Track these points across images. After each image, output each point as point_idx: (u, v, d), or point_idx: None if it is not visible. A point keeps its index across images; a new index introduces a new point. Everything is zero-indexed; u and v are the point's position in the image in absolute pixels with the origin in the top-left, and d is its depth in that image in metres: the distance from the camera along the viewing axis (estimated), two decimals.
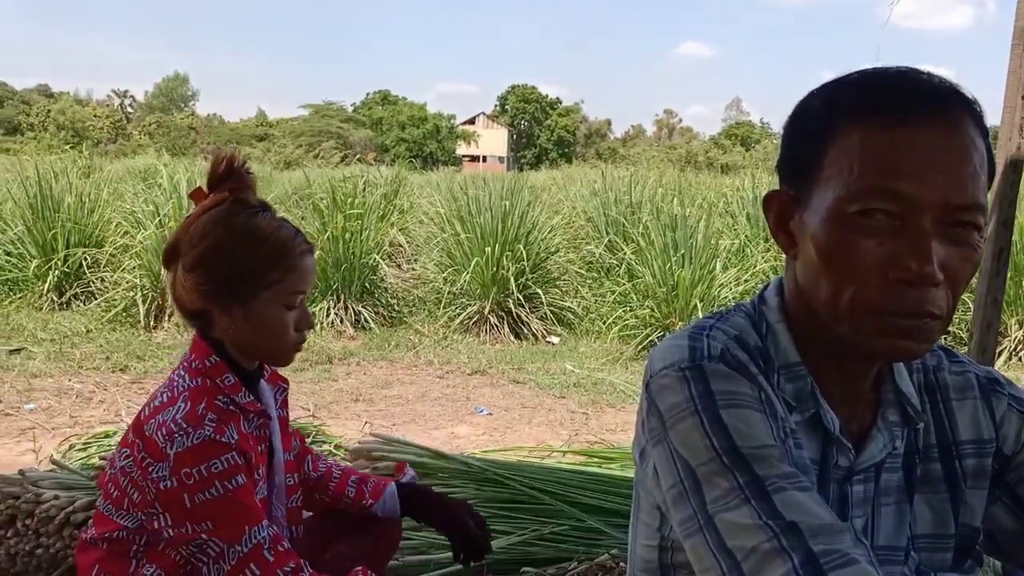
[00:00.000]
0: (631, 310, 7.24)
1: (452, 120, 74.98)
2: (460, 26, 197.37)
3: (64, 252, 7.65)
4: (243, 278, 1.51)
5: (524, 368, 6.25)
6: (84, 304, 7.52)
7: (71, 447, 3.78)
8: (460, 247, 7.87)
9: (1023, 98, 2.65)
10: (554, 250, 8.44)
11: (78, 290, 7.70)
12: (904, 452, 0.99)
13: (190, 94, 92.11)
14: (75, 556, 1.60)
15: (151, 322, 6.91)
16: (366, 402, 5.20)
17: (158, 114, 73.40)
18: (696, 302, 6.69)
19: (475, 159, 68.98)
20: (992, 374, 1.07)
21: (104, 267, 7.76)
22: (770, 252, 7.82)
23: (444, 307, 7.71)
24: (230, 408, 1.50)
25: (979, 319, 2.81)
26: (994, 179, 0.89)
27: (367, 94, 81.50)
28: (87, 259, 7.77)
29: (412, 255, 9.55)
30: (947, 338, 6.77)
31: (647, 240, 7.65)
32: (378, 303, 7.79)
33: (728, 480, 0.84)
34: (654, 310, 6.91)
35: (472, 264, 7.49)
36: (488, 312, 7.36)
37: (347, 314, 7.30)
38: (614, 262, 8.76)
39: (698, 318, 1.05)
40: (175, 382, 1.53)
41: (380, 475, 1.93)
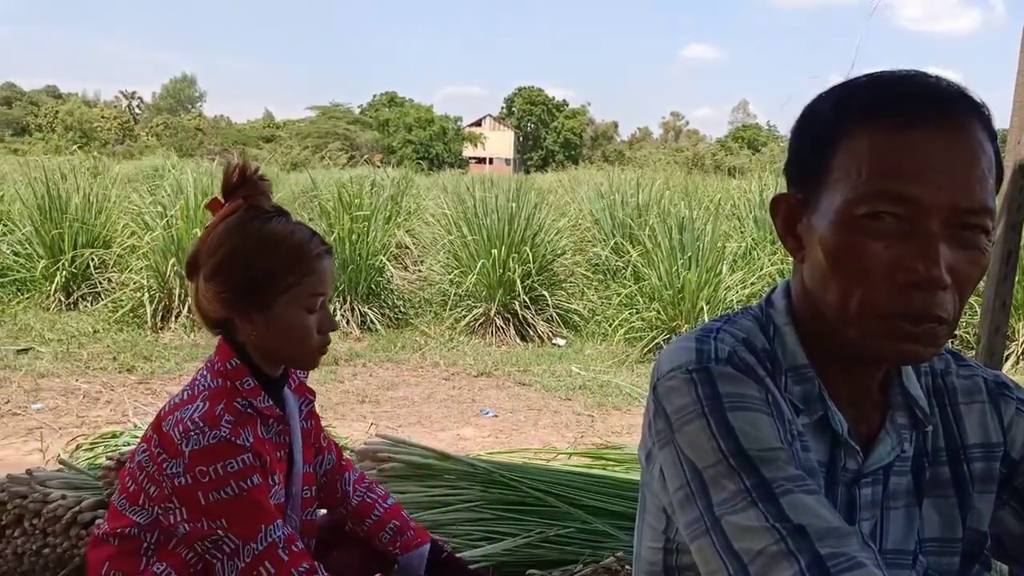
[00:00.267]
0: (637, 312, 7.24)
1: (458, 122, 75.01)
2: (467, 28, 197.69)
3: (72, 253, 7.68)
4: (260, 283, 1.52)
5: (530, 370, 6.25)
6: (91, 304, 7.55)
7: (78, 447, 3.79)
8: (466, 249, 7.88)
9: None
10: (560, 252, 8.44)
11: (85, 290, 7.72)
12: (913, 455, 0.99)
13: (197, 95, 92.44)
14: (87, 552, 1.61)
15: (158, 323, 6.93)
16: (372, 403, 5.21)
17: (165, 115, 73.63)
18: (703, 305, 6.68)
19: (481, 161, 68.97)
20: (1000, 378, 1.06)
21: (111, 268, 7.79)
22: (777, 255, 7.81)
23: (450, 309, 7.71)
24: (248, 411, 1.51)
25: (987, 323, 2.80)
26: (1002, 182, 0.89)
27: (374, 96, 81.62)
28: (94, 260, 7.80)
29: (418, 257, 9.56)
30: (955, 342, 6.75)
31: (653, 242, 7.64)
32: (384, 305, 7.80)
33: (735, 482, 0.84)
34: (660, 313, 6.90)
35: (478, 266, 7.49)
36: (494, 314, 7.36)
37: (353, 315, 7.31)
38: (620, 264, 8.76)
39: (705, 321, 1.05)
40: (197, 381, 1.54)
41: (417, 526, 1.91)
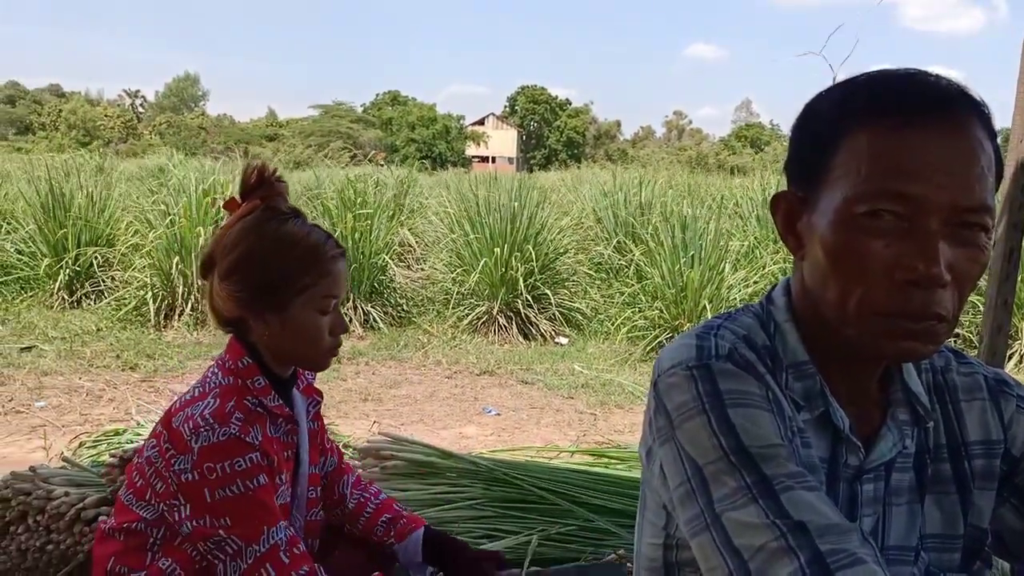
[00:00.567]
0: (640, 311, 7.24)
1: (461, 121, 74.96)
2: (470, 28, 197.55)
3: (75, 251, 7.69)
4: (276, 284, 1.52)
5: (532, 369, 6.26)
6: (95, 303, 7.57)
7: (81, 444, 3.80)
8: (469, 247, 7.89)
9: None
10: (563, 251, 8.44)
11: (89, 289, 7.75)
12: (915, 452, 0.99)
13: (200, 94, 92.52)
14: (93, 547, 1.62)
15: (161, 321, 6.95)
16: (375, 401, 5.21)
17: (169, 114, 73.64)
18: (705, 303, 6.68)
19: (484, 160, 68.84)
20: (1000, 375, 1.07)
21: (115, 266, 7.81)
22: (779, 254, 7.81)
23: (453, 307, 7.71)
24: (258, 410, 1.51)
25: (989, 321, 2.80)
26: (1001, 181, 0.89)
27: (377, 95, 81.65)
28: (98, 258, 7.81)
29: (421, 255, 9.56)
30: (958, 341, 6.74)
31: (656, 241, 7.64)
32: (387, 303, 7.81)
33: (735, 479, 0.84)
34: (663, 311, 6.90)
35: (481, 264, 7.50)
36: (497, 313, 7.37)
37: (356, 314, 7.32)
38: (623, 263, 8.75)
39: (707, 319, 1.05)
40: (208, 378, 1.55)
41: (410, 514, 1.91)
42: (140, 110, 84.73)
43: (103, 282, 7.75)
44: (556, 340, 7.32)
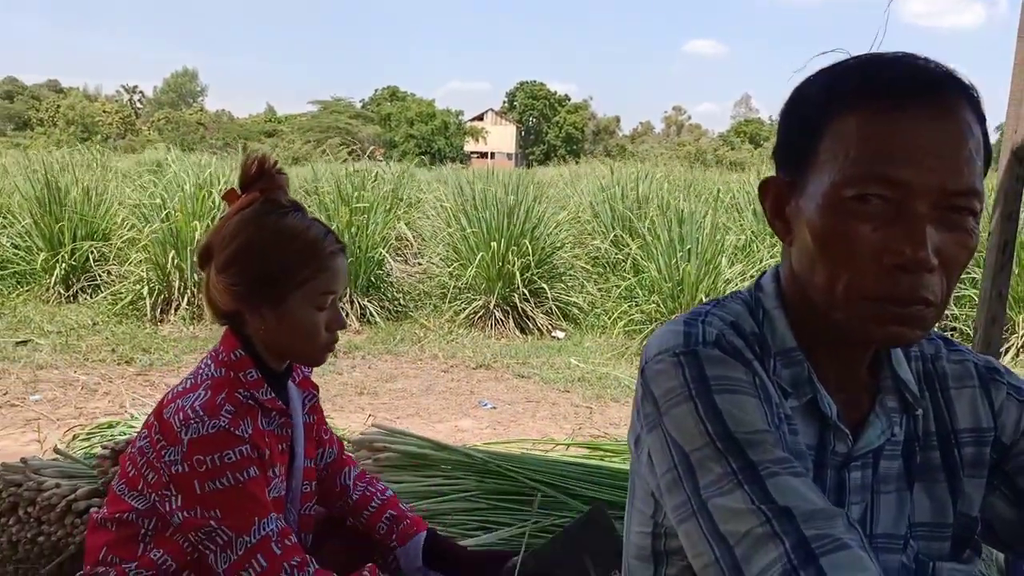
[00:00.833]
0: (636, 305, 7.23)
1: (460, 116, 74.88)
2: (470, 24, 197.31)
3: (71, 245, 7.68)
4: (274, 277, 1.51)
5: (529, 362, 6.25)
6: (91, 297, 7.56)
7: (75, 437, 3.79)
8: (466, 242, 7.88)
9: None
10: (560, 245, 8.43)
11: (85, 283, 7.74)
12: (904, 439, 0.99)
13: (199, 90, 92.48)
14: (86, 536, 1.62)
15: (157, 315, 6.95)
16: (370, 395, 5.21)
17: (167, 110, 73.52)
18: (702, 297, 6.68)
19: (483, 155, 68.78)
20: (991, 363, 1.06)
21: (111, 260, 7.80)
22: (776, 248, 7.79)
23: (449, 301, 7.71)
24: (249, 403, 1.51)
25: (983, 313, 2.79)
26: (990, 165, 0.89)
27: (376, 90, 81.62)
28: (94, 252, 7.81)
29: (418, 250, 9.56)
30: (954, 334, 6.74)
31: (653, 235, 7.64)
32: (384, 297, 7.81)
33: (722, 465, 0.83)
34: (659, 305, 6.90)
35: (478, 259, 7.49)
36: (493, 307, 7.37)
37: (353, 308, 7.31)
38: (620, 257, 8.74)
39: (696, 306, 1.04)
40: (201, 370, 1.54)
41: (414, 516, 1.90)
42: (138, 106, 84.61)
43: (99, 276, 7.74)
44: (553, 334, 7.32)
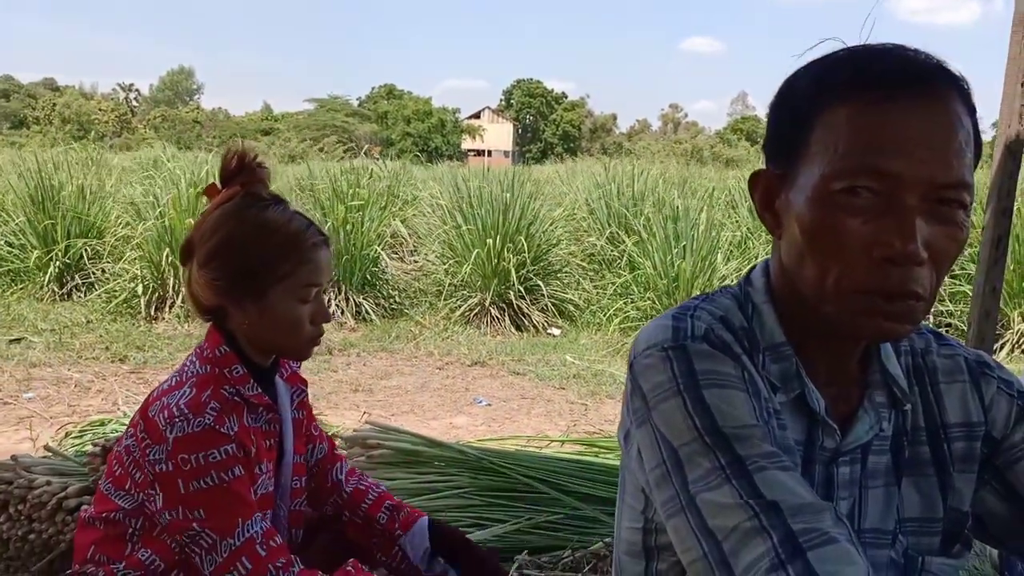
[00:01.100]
0: (632, 302, 7.24)
1: (457, 114, 74.80)
2: (467, 22, 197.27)
3: (65, 243, 7.67)
4: (255, 271, 1.50)
5: (524, 360, 6.25)
6: (85, 295, 7.54)
7: (67, 435, 3.78)
8: (461, 239, 7.87)
9: (1022, 85, 2.63)
10: (555, 242, 8.43)
11: (79, 281, 7.73)
12: (892, 434, 0.98)
13: (195, 88, 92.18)
14: (75, 535, 1.60)
15: (151, 312, 6.94)
16: (365, 392, 5.21)
17: (163, 108, 73.37)
18: (697, 294, 6.67)
19: (480, 153, 68.67)
20: (982, 357, 1.05)
21: (105, 258, 7.78)
22: (772, 243, 7.81)
23: (445, 299, 7.71)
24: (235, 399, 1.49)
25: (977, 308, 2.79)
26: (980, 157, 0.88)
27: (372, 88, 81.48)
28: (88, 250, 7.79)
29: (414, 247, 9.55)
30: (948, 329, 6.75)
31: (649, 232, 7.64)
32: (379, 295, 7.80)
33: (710, 460, 0.83)
34: (655, 302, 6.91)
35: (473, 256, 7.49)
36: (489, 304, 7.36)
37: (348, 305, 7.31)
38: (615, 254, 8.74)
39: (685, 301, 1.04)
40: (186, 367, 1.53)
41: (412, 507, 1.88)
42: (134, 104, 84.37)
43: (93, 274, 7.72)
44: (548, 331, 7.32)
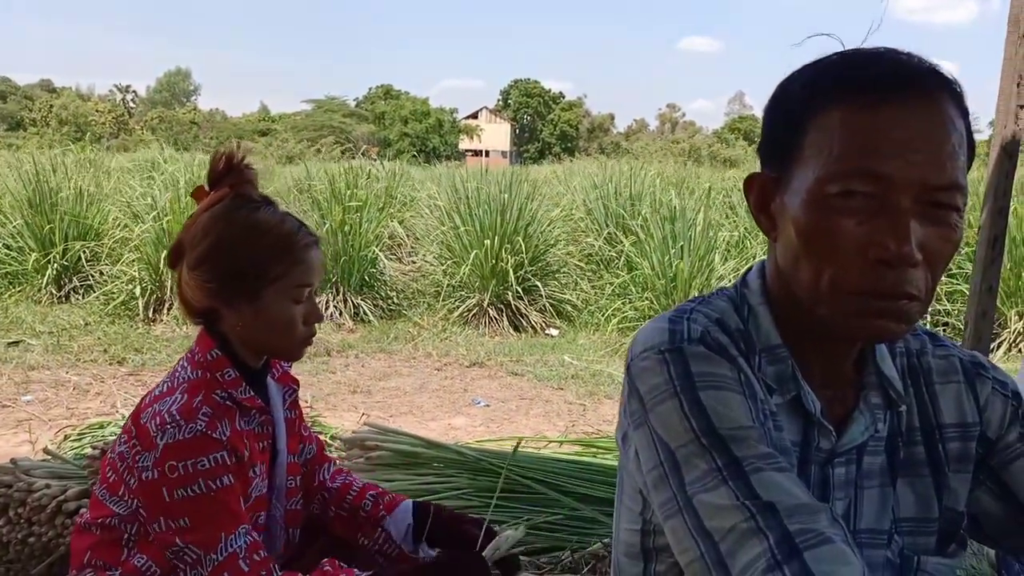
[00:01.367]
0: (630, 302, 7.25)
1: (455, 115, 74.76)
2: (464, 21, 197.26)
3: (63, 246, 7.66)
4: (247, 273, 1.49)
5: (522, 360, 6.25)
6: (83, 297, 7.54)
7: (66, 438, 3.79)
8: (459, 240, 7.87)
9: (1018, 85, 2.63)
10: (553, 243, 8.44)
11: (77, 283, 7.72)
12: (887, 435, 0.99)
13: (192, 89, 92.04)
14: (71, 540, 1.60)
15: (150, 315, 6.93)
16: (364, 394, 5.21)
17: (160, 109, 73.20)
18: (695, 294, 6.68)
19: (478, 154, 68.62)
20: (976, 358, 1.06)
21: (103, 260, 7.77)
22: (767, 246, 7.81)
23: (443, 300, 7.71)
24: (227, 403, 1.49)
25: (974, 307, 2.80)
26: (974, 159, 0.89)
27: (369, 89, 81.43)
28: (86, 252, 7.78)
29: (412, 248, 9.55)
30: (945, 329, 6.76)
31: (646, 232, 7.65)
32: (377, 296, 7.79)
33: (706, 461, 0.84)
34: (653, 302, 6.91)
35: (471, 257, 7.49)
36: (487, 305, 7.36)
37: (346, 307, 7.31)
38: (613, 254, 8.75)
39: (681, 303, 1.04)
40: (177, 373, 1.52)
41: (396, 493, 1.89)
42: (131, 105, 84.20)
43: (91, 276, 7.72)
44: (546, 332, 7.32)
